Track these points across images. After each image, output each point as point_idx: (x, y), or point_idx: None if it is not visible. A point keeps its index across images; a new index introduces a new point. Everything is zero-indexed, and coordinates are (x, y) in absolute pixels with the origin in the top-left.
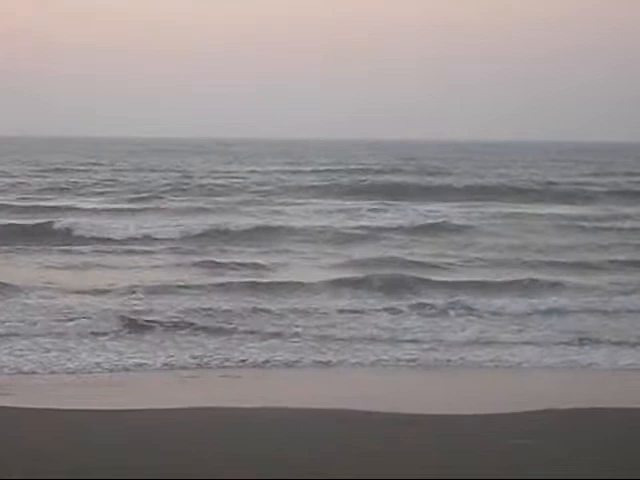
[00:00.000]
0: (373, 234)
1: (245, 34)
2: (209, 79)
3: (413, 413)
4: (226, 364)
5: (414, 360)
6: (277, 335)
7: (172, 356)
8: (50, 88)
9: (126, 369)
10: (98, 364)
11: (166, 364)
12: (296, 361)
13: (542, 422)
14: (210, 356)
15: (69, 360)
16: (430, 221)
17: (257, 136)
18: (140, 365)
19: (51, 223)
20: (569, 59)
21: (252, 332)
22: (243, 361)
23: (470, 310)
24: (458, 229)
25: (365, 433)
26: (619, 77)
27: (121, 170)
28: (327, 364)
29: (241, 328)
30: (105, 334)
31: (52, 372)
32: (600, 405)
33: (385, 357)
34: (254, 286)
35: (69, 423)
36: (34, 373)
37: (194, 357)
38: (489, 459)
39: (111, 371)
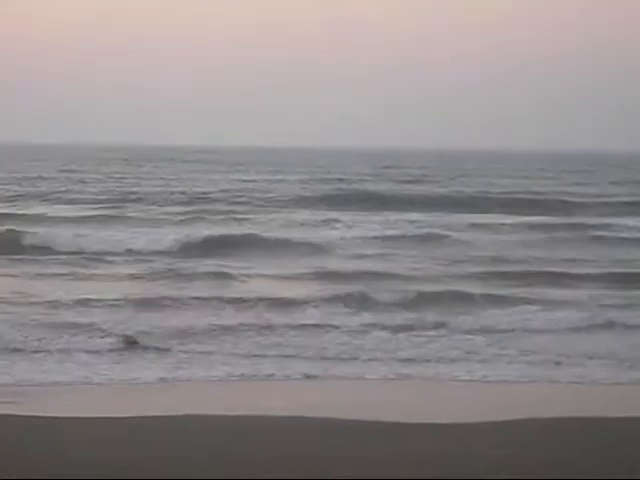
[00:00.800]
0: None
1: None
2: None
3: (395, 421)
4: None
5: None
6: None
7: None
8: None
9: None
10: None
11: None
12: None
13: (523, 431)
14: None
15: None
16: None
17: (237, 144)
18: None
19: None
20: (558, 66)
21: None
22: None
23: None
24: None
25: (347, 441)
26: (610, 88)
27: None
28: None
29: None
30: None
31: None
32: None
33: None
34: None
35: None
36: None
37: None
38: (471, 467)
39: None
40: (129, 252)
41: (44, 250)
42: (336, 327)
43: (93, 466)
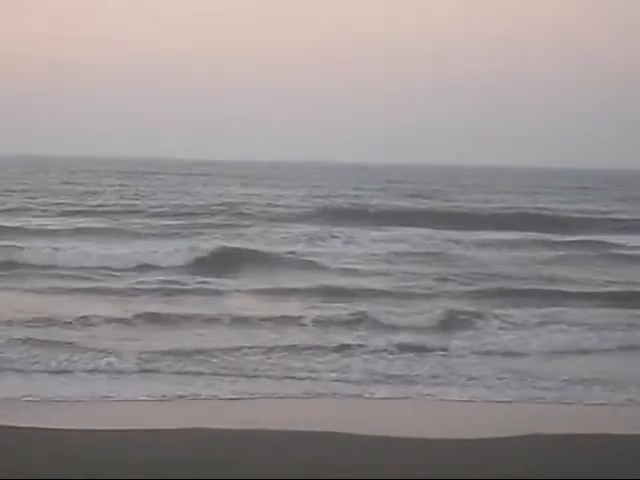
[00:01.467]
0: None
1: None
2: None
3: (398, 437)
4: None
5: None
6: None
7: None
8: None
9: None
10: None
11: None
12: None
13: (528, 447)
14: None
15: None
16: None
17: (236, 158)
18: None
19: None
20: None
21: None
22: None
23: None
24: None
25: (351, 456)
26: (613, 106)
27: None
28: None
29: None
30: None
31: None
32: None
33: None
34: None
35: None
36: None
37: None
38: None
39: None
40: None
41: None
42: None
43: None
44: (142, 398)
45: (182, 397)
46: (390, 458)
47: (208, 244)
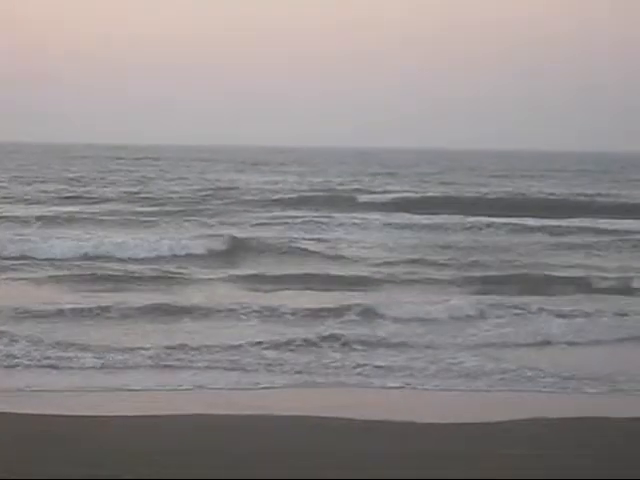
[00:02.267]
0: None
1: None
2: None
3: (404, 421)
4: None
5: None
6: None
7: None
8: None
9: None
10: None
11: None
12: None
13: (528, 432)
14: None
15: None
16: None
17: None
18: None
19: None
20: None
21: None
22: None
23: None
24: None
25: (350, 441)
26: (621, 87)
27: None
28: None
29: None
30: None
31: None
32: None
33: None
34: None
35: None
36: None
37: None
38: (477, 467)
39: None
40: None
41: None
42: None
43: (96, 464)
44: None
45: None
46: (389, 443)
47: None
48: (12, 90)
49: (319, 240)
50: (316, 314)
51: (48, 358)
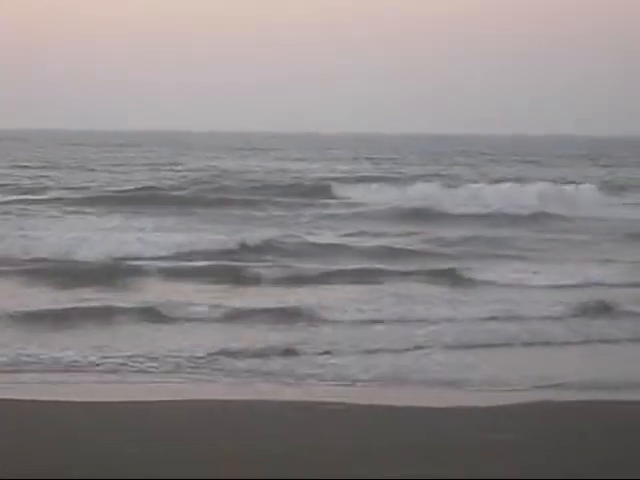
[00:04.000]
0: None
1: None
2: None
3: (399, 406)
4: None
5: None
6: None
7: None
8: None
9: None
10: None
11: None
12: None
13: (536, 414)
14: None
15: None
16: None
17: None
18: None
19: None
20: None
21: None
22: None
23: None
24: None
25: (339, 425)
26: (619, 71)
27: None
28: None
29: None
30: None
31: None
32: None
33: None
34: None
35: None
36: None
37: None
38: (479, 451)
39: None
40: None
41: None
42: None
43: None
44: None
45: None
46: (391, 426)
47: None
48: None
49: None
50: None
51: None
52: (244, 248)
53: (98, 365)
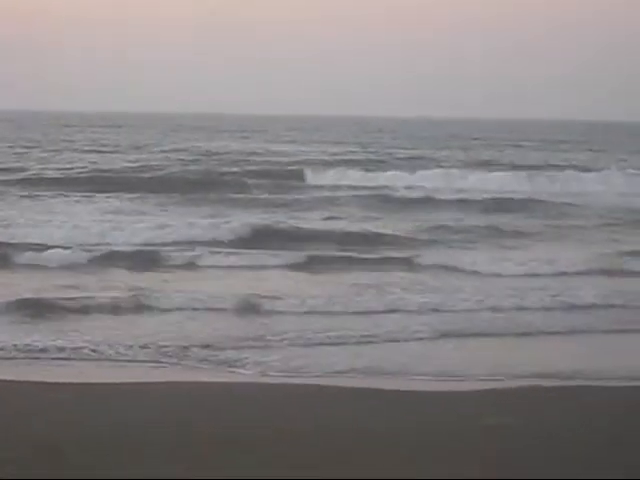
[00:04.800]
0: None
1: None
2: None
3: (396, 389)
4: None
5: None
6: None
7: None
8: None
9: None
10: None
11: None
12: None
13: (527, 398)
14: None
15: None
16: None
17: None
18: None
19: None
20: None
21: None
22: None
23: None
24: None
25: (337, 408)
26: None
27: None
28: None
29: None
30: None
31: None
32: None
33: None
34: None
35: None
36: None
37: None
38: (473, 435)
39: None
40: None
41: None
42: None
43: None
44: None
45: None
46: (381, 410)
47: None
48: None
49: None
50: None
51: None
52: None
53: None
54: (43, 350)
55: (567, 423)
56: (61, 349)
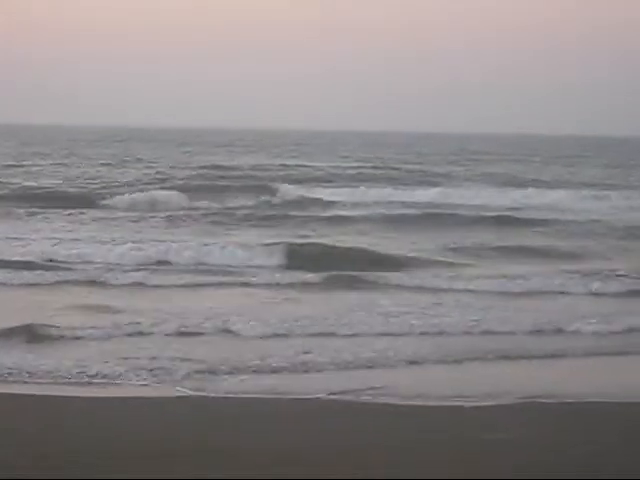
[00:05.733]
0: None
1: None
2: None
3: (397, 404)
4: None
5: None
6: None
7: None
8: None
9: None
10: None
11: None
12: None
13: (522, 415)
14: None
15: None
16: None
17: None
18: None
19: None
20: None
21: None
22: None
23: None
24: None
25: (341, 423)
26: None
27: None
28: None
29: None
30: None
31: None
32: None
33: None
34: None
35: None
36: None
37: None
38: (471, 450)
39: None
40: None
41: None
42: None
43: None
44: None
45: None
46: (380, 424)
47: None
48: None
49: None
50: None
51: None
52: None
53: None
54: None
55: (564, 438)
56: None
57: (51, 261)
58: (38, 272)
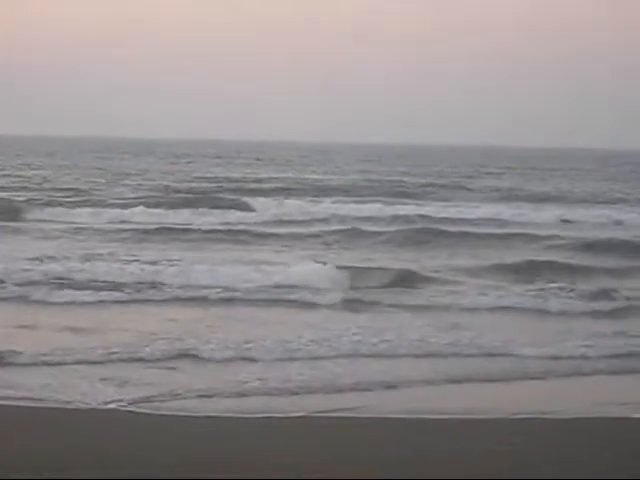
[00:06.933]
0: None
1: None
2: None
3: (400, 417)
4: None
5: None
6: None
7: None
8: None
9: None
10: None
11: None
12: None
13: (528, 429)
14: None
15: None
16: None
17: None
18: None
19: None
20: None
21: None
22: None
23: None
24: None
25: (356, 436)
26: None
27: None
28: None
29: None
30: None
31: None
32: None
33: None
34: None
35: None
36: None
37: None
38: (474, 464)
39: None
40: None
41: None
42: None
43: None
44: None
45: None
46: (387, 438)
47: None
48: None
49: None
50: None
51: None
52: None
53: None
54: None
55: (569, 453)
56: None
57: None
58: None
